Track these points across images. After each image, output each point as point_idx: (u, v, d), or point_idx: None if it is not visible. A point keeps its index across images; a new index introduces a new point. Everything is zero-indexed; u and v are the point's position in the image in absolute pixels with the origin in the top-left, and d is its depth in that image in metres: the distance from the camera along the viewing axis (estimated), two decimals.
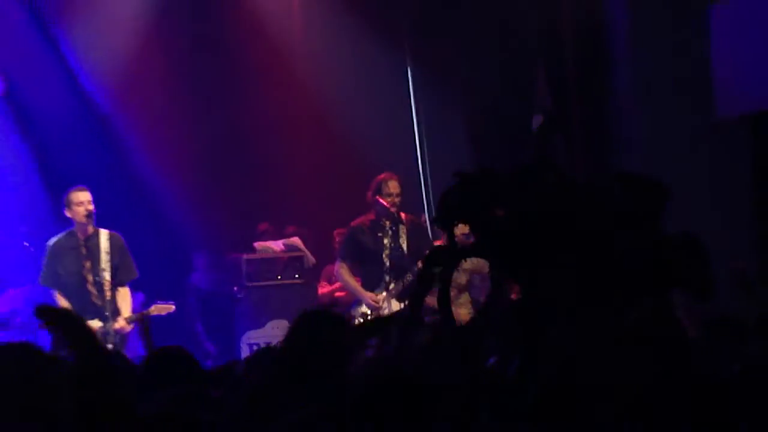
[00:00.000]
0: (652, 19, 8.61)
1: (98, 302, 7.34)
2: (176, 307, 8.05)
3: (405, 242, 7.90)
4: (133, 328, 7.47)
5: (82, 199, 7.44)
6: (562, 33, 9.24)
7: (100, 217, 7.56)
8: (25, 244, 8.68)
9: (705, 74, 8.16)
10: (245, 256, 9.13)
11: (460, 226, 4.87)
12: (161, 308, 7.84)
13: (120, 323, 7.35)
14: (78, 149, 9.70)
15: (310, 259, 9.20)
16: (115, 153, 9.91)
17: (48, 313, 1.78)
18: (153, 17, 9.87)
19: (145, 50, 9.87)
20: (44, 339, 6.37)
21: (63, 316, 1.77)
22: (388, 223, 7.87)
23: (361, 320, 7.82)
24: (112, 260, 7.57)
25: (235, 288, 9.22)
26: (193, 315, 9.19)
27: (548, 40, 9.32)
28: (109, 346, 7.00)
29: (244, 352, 8.54)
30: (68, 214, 7.51)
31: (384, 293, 7.80)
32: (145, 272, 7.88)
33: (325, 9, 9.94)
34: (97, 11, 9.72)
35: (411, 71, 8.35)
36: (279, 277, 9.07)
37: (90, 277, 7.46)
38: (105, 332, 7.10)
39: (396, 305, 7.79)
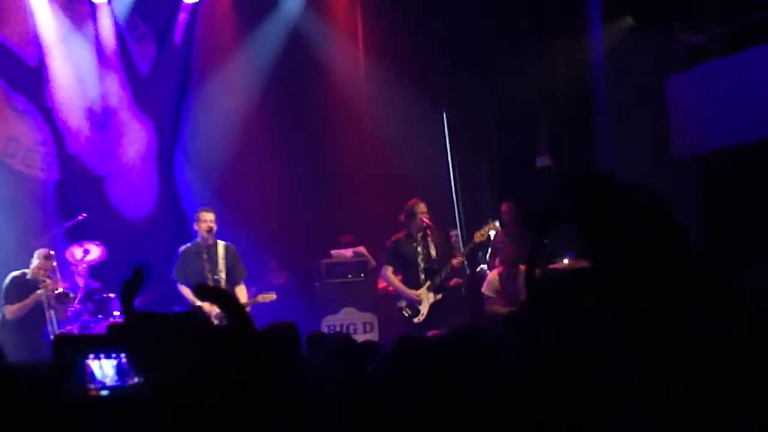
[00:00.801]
0: (625, 87, 9.36)
1: None
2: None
3: (434, 249, 8.52)
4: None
5: (207, 218, 8.37)
6: (557, 96, 10.06)
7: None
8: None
9: (664, 125, 8.99)
10: (324, 261, 9.97)
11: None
12: (266, 297, 8.58)
13: None
14: (201, 182, 10.78)
15: (372, 262, 9.99)
16: (227, 187, 10.70)
17: (206, 289, 1.74)
18: (258, 87, 11.05)
19: (250, 109, 10.96)
20: None
21: (220, 291, 1.75)
22: (419, 235, 8.47)
23: (404, 306, 8.57)
24: (226, 264, 8.36)
25: (317, 284, 9.92)
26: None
27: (547, 101, 10.18)
28: None
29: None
30: (195, 227, 8.42)
31: (422, 288, 8.48)
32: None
33: (383, 74, 10.72)
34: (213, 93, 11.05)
35: (446, 120, 8.98)
36: (349, 276, 9.82)
37: (209, 276, 8.20)
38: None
39: (432, 297, 8.46)
